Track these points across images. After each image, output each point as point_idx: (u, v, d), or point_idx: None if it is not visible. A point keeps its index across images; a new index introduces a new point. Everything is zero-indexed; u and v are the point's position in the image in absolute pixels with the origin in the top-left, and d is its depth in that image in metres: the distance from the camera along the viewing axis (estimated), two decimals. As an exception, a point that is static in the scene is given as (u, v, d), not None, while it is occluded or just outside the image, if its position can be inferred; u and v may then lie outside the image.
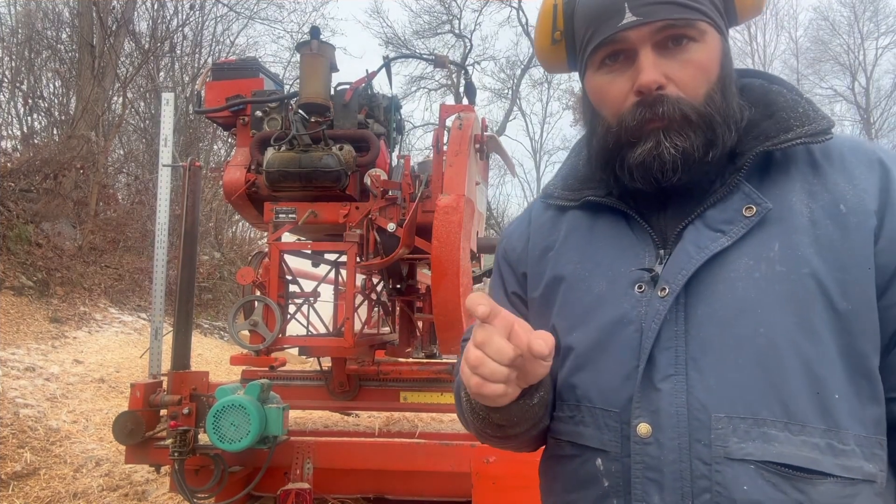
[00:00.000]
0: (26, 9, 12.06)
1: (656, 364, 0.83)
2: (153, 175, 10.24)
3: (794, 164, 0.86)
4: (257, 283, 2.42)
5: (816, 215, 0.82)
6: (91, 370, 6.06)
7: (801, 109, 0.87)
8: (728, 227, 0.83)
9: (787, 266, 0.80)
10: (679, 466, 0.80)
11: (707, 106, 0.84)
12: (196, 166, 2.70)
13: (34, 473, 4.06)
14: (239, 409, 2.06)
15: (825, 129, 0.84)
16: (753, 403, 0.77)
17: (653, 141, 0.83)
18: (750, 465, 0.76)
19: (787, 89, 0.92)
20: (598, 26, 0.87)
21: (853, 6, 21.96)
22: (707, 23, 0.84)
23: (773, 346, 0.78)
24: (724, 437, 0.77)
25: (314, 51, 2.48)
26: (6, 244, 7.67)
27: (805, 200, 0.83)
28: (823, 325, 0.78)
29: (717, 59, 0.85)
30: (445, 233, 2.12)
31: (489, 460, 2.26)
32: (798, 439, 0.76)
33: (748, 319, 0.79)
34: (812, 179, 0.85)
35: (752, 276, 0.81)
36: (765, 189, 0.85)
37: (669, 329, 0.83)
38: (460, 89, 11.03)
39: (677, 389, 0.81)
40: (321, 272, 3.11)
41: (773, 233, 0.82)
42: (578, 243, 0.96)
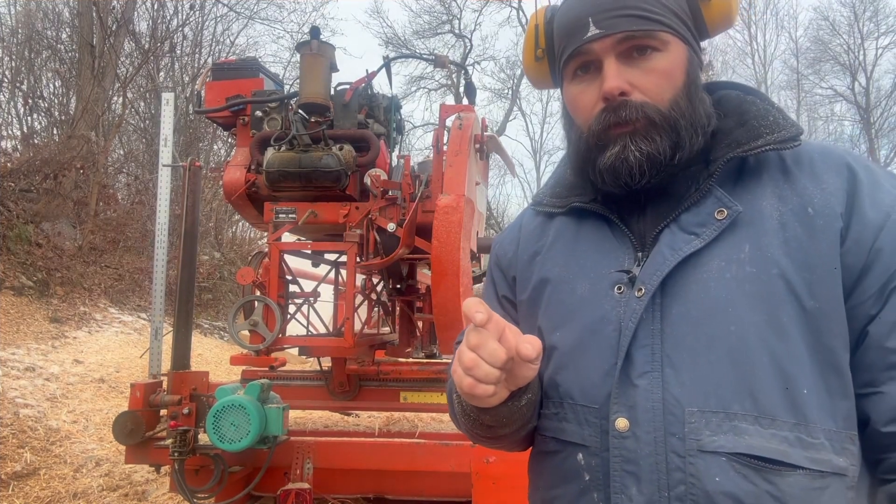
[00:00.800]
0: (26, 9, 12.07)
1: (633, 361, 0.88)
2: (153, 175, 10.24)
3: (766, 170, 0.91)
4: (257, 283, 2.42)
5: (786, 218, 0.86)
6: (91, 370, 6.06)
7: (772, 118, 0.91)
8: (701, 230, 0.88)
9: (757, 267, 0.84)
10: (655, 459, 0.84)
11: (672, 110, 0.89)
12: (196, 166, 2.70)
13: (34, 473, 4.06)
14: (239, 409, 2.06)
15: (793, 136, 0.88)
16: (725, 398, 0.81)
17: (619, 145, 0.89)
18: (721, 458, 0.80)
19: (760, 99, 0.96)
20: (568, 40, 0.94)
21: (853, 6, 21.94)
22: (669, 33, 0.90)
23: (743, 343, 0.82)
24: (697, 430, 0.82)
25: (314, 51, 2.48)
26: (6, 244, 7.67)
27: (775, 204, 0.87)
28: (792, 323, 0.82)
29: (682, 67, 0.91)
30: (445, 233, 2.12)
31: (489, 460, 2.26)
32: (768, 432, 0.80)
33: (720, 318, 0.84)
34: (783, 184, 0.89)
35: (724, 276, 0.85)
36: (737, 193, 0.89)
37: (646, 328, 0.88)
38: (460, 89, 11.03)
39: (653, 385, 0.85)
40: (321, 272, 3.11)
41: (744, 235, 0.87)
42: (564, 248, 1.03)
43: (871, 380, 0.82)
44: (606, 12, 0.90)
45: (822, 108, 23.52)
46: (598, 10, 0.91)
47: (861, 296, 0.83)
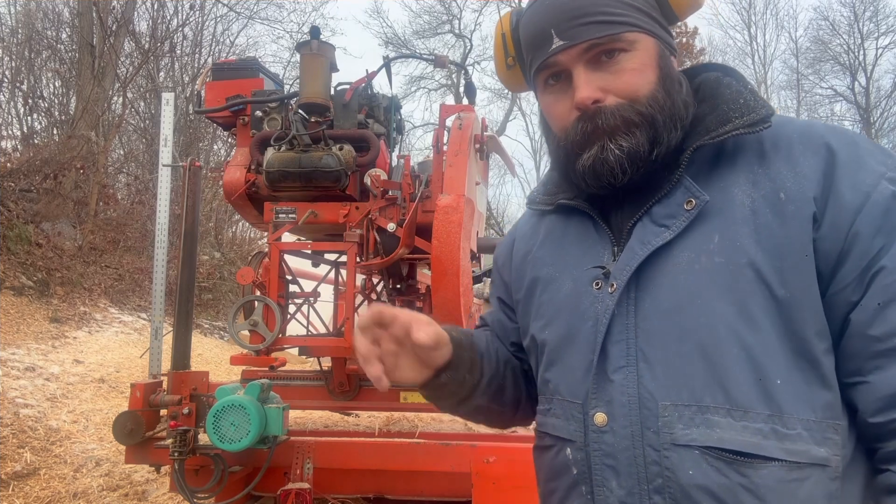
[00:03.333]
0: (26, 9, 12.07)
1: (609, 356, 0.89)
2: (153, 175, 10.24)
3: (741, 155, 0.88)
4: (257, 283, 2.42)
5: (757, 205, 0.83)
6: (91, 370, 6.06)
7: (742, 100, 0.88)
8: (671, 222, 0.87)
9: (726, 257, 0.83)
10: (633, 453, 0.85)
11: (649, 106, 0.88)
12: (196, 166, 2.70)
13: (34, 473, 4.06)
14: (239, 409, 2.06)
15: (762, 118, 0.85)
16: (697, 391, 0.81)
17: (598, 145, 0.89)
18: (695, 451, 0.81)
19: (735, 80, 0.94)
20: (534, 53, 0.95)
21: (853, 6, 21.95)
22: (635, 31, 0.89)
23: (713, 335, 0.81)
24: (671, 424, 0.82)
25: (314, 51, 2.48)
26: (6, 244, 7.66)
27: (748, 191, 0.85)
28: (763, 313, 0.80)
29: (653, 62, 0.90)
30: (445, 233, 2.12)
31: (489, 460, 2.26)
32: (739, 425, 0.79)
33: (690, 310, 0.83)
34: (757, 169, 0.86)
35: (693, 268, 0.84)
36: (709, 182, 0.88)
37: (620, 323, 0.88)
38: (460, 89, 11.03)
39: (628, 380, 0.86)
40: (321, 272, 3.11)
41: (714, 225, 0.85)
42: (552, 245, 1.04)
43: (856, 369, 0.80)
44: (568, 22, 0.89)
45: (822, 108, 23.49)
46: (559, 20, 0.89)
47: (841, 282, 0.80)
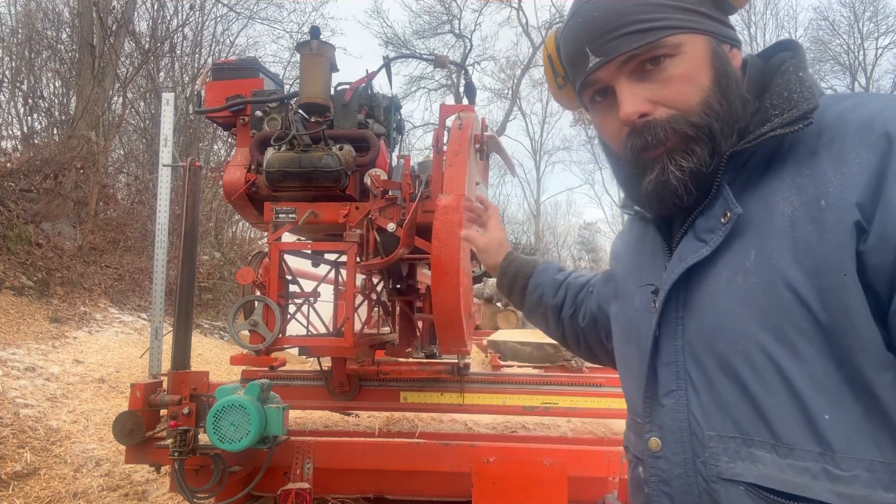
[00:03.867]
0: (26, 9, 12.06)
1: (659, 379, 0.84)
2: (153, 175, 10.24)
3: (792, 155, 0.78)
4: (257, 283, 2.41)
5: (797, 214, 0.73)
6: (91, 370, 6.06)
7: (787, 93, 0.79)
8: (709, 236, 0.80)
9: (762, 276, 0.74)
10: (686, 481, 0.80)
11: (705, 115, 0.80)
12: (196, 166, 2.69)
13: (34, 473, 4.06)
14: (239, 409, 2.06)
15: (803, 115, 0.75)
16: (741, 423, 0.75)
17: (657, 168, 0.82)
18: (740, 486, 0.74)
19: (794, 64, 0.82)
20: (575, 72, 0.90)
21: (853, 6, 21.95)
22: (678, 33, 0.80)
23: (751, 363, 0.74)
24: (716, 456, 0.77)
25: (314, 51, 2.47)
26: (6, 244, 7.66)
27: (791, 198, 0.75)
28: (805, 340, 0.71)
29: (705, 64, 0.81)
30: (445, 233, 2.12)
31: (489, 460, 2.25)
32: (785, 462, 0.71)
33: (727, 335, 0.77)
34: (805, 170, 0.75)
35: (731, 288, 0.77)
36: (756, 189, 0.79)
37: (670, 344, 0.83)
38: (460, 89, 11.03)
39: (678, 405, 0.81)
40: (321, 272, 3.11)
41: (751, 240, 0.77)
42: (634, 254, 1.01)
43: None
44: (602, 38, 0.82)
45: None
46: (593, 36, 0.83)
47: None
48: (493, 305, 8.79)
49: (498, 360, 4.01)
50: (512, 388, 2.80)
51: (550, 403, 2.74)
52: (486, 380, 2.85)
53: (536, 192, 30.49)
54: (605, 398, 2.73)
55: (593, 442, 2.52)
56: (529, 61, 24.84)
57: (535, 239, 28.32)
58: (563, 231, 33.83)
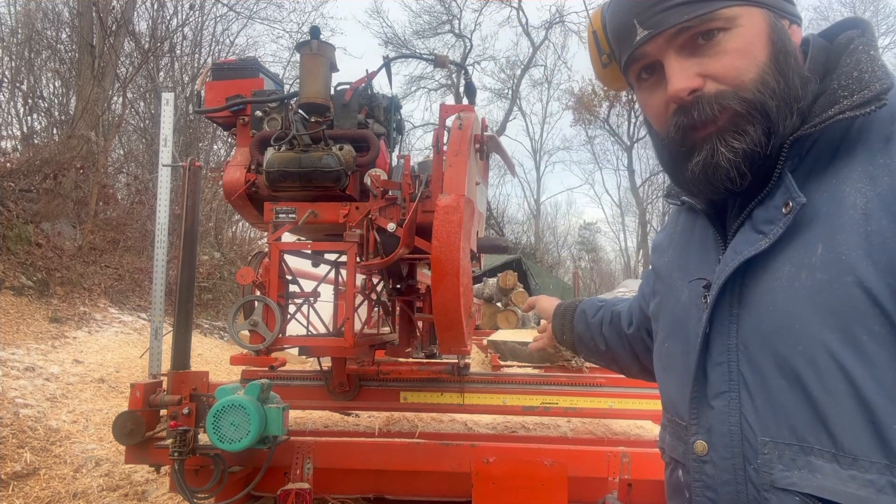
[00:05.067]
0: (26, 9, 12.06)
1: (709, 380, 0.79)
2: (153, 175, 10.24)
3: (863, 142, 0.72)
4: (257, 283, 2.41)
5: (871, 206, 0.67)
6: (91, 370, 6.06)
7: (857, 73, 0.72)
8: (768, 228, 0.75)
9: (829, 273, 0.69)
10: (735, 488, 0.76)
11: (758, 91, 0.74)
12: (196, 166, 2.69)
13: (34, 473, 4.06)
14: (239, 409, 2.05)
15: (876, 95, 0.69)
16: (799, 429, 0.70)
17: (707, 149, 0.77)
18: (795, 497, 0.69)
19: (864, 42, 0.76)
20: (620, 47, 0.85)
21: (853, 6, 21.96)
22: (733, 5, 0.75)
23: (814, 366, 0.69)
24: (770, 463, 0.72)
25: (314, 51, 2.47)
26: (6, 244, 7.66)
27: (863, 188, 0.69)
28: (877, 343, 0.66)
29: (762, 38, 0.75)
30: (445, 233, 2.12)
31: (489, 460, 2.25)
32: (846, 473, 0.66)
33: (789, 335, 0.71)
34: (879, 158, 0.69)
35: (794, 285, 0.71)
36: (822, 178, 0.73)
37: (721, 343, 0.78)
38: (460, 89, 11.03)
39: (730, 408, 0.76)
40: (321, 272, 3.11)
41: (818, 233, 0.71)
42: (680, 247, 0.96)
43: None
44: (651, 8, 0.78)
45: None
46: (641, 7, 0.79)
47: None
48: (493, 305, 8.79)
49: (498, 360, 4.01)
50: (512, 388, 2.80)
51: (550, 403, 2.74)
52: (486, 380, 2.85)
53: (536, 192, 30.52)
54: (605, 398, 2.73)
55: (593, 442, 2.52)
56: (529, 61, 24.86)
57: (535, 239, 28.32)
58: (563, 231, 33.88)
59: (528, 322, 8.33)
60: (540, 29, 24.25)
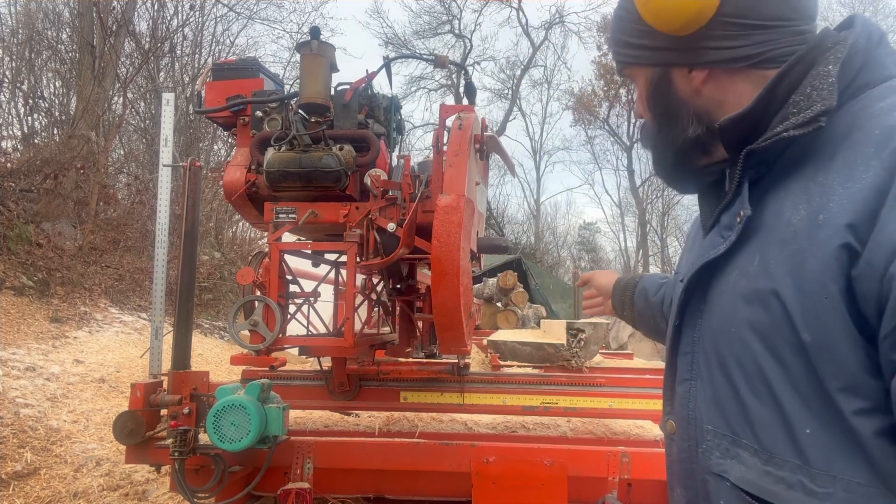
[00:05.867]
0: (26, 9, 12.06)
1: (677, 367, 0.88)
2: (153, 175, 10.24)
3: (815, 156, 0.74)
4: (257, 283, 2.41)
5: (801, 225, 0.70)
6: (91, 370, 6.06)
7: (809, 89, 0.75)
8: (727, 234, 0.80)
9: (759, 284, 0.73)
10: (690, 467, 0.83)
11: None
12: (196, 166, 2.70)
13: (34, 473, 4.06)
14: (239, 408, 2.06)
15: (815, 117, 0.71)
16: (732, 423, 0.76)
17: None
18: (727, 483, 0.76)
19: (831, 53, 0.75)
20: None
21: (853, 6, 21.95)
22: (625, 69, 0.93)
23: (741, 368, 0.75)
24: (710, 450, 0.79)
25: (314, 51, 2.48)
26: (7, 244, 7.66)
27: (799, 205, 0.72)
28: (792, 353, 0.70)
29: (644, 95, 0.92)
30: (445, 233, 2.12)
31: (489, 460, 2.26)
32: (764, 469, 0.71)
33: (725, 336, 0.77)
34: (820, 176, 0.71)
35: (735, 291, 0.77)
36: (775, 190, 0.76)
37: (689, 335, 0.86)
38: (460, 89, 11.03)
39: (690, 395, 0.84)
40: (321, 272, 3.11)
41: (758, 244, 0.75)
42: (690, 241, 1.07)
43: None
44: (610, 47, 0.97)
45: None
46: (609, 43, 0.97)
47: (882, 336, 0.63)
48: (493, 305, 8.79)
49: (498, 360, 4.01)
50: (512, 388, 2.80)
51: (550, 403, 2.74)
52: (486, 380, 2.85)
53: (536, 192, 30.50)
54: (605, 398, 2.73)
55: (593, 442, 2.53)
56: (529, 61, 24.86)
57: (535, 239, 28.31)
58: (563, 231, 33.83)
59: (528, 322, 8.33)
60: (540, 29, 24.26)
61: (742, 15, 0.79)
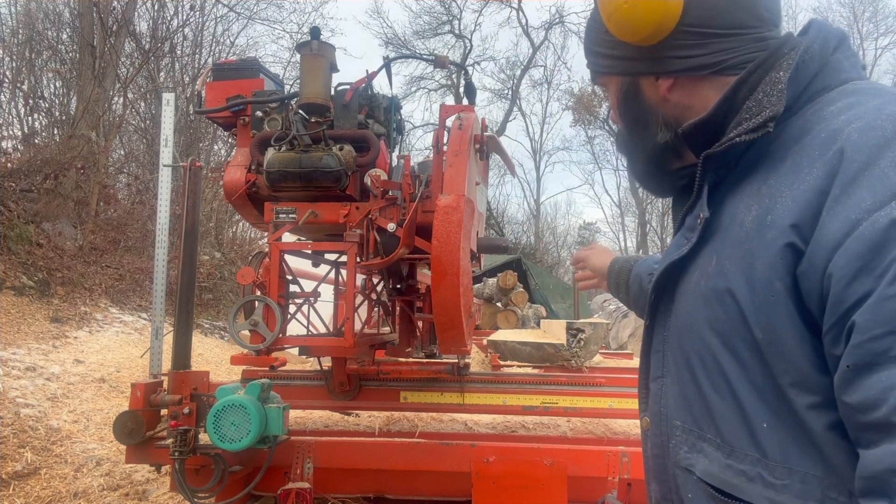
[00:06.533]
0: (27, 9, 12.07)
1: (650, 364, 0.90)
2: (153, 175, 10.25)
3: (768, 160, 0.77)
4: (257, 283, 2.42)
5: (751, 225, 0.73)
6: (92, 370, 6.06)
7: (761, 95, 0.77)
8: (689, 235, 0.84)
9: (716, 283, 0.76)
10: (663, 461, 0.86)
11: None
12: (196, 166, 2.70)
13: (35, 473, 4.06)
14: (239, 408, 2.06)
15: (763, 123, 0.74)
16: (697, 418, 0.79)
17: None
18: (694, 477, 0.79)
19: (784, 60, 0.78)
20: None
21: (853, 6, 21.99)
22: (599, 78, 0.98)
23: (703, 365, 0.78)
24: (679, 445, 0.82)
25: (314, 51, 2.48)
26: (7, 244, 7.67)
27: (752, 205, 0.75)
28: (748, 350, 0.72)
29: (615, 103, 0.96)
30: (445, 233, 2.12)
31: (489, 460, 2.26)
32: (725, 462, 0.75)
33: (688, 335, 0.80)
34: (771, 178, 0.74)
35: (696, 290, 0.80)
36: (733, 192, 0.80)
37: (660, 333, 0.88)
38: (460, 89, 11.03)
39: (662, 392, 0.87)
40: (321, 272, 3.11)
41: (715, 245, 0.79)
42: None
43: (853, 437, 0.66)
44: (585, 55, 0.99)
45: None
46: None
47: (826, 331, 0.66)
48: (493, 305, 8.79)
49: (498, 360, 4.02)
50: (512, 387, 2.80)
51: (550, 403, 2.75)
52: (486, 380, 2.85)
53: (536, 192, 30.50)
54: (604, 398, 2.73)
55: (593, 442, 2.53)
56: (529, 62, 24.87)
57: (535, 239, 28.31)
58: (562, 231, 33.82)
59: (528, 322, 8.33)
60: (540, 29, 24.25)
61: (704, 24, 0.82)
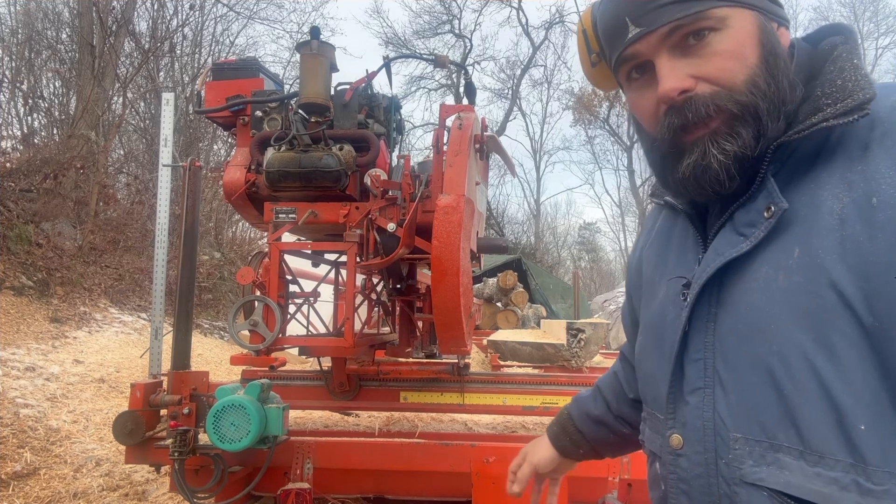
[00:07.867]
0: (26, 9, 12.07)
1: (686, 375, 0.81)
2: (153, 175, 10.24)
3: (843, 148, 0.73)
4: (257, 283, 2.41)
5: (847, 211, 0.69)
6: (91, 370, 6.06)
7: (840, 81, 0.74)
8: (749, 231, 0.76)
9: (805, 276, 0.70)
10: (707, 482, 0.78)
11: (750, 94, 0.75)
12: (196, 166, 2.70)
13: (34, 473, 4.06)
14: (239, 408, 2.06)
15: (859, 104, 0.71)
16: (770, 427, 0.72)
17: (698, 151, 0.78)
18: (763, 492, 0.72)
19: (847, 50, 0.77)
20: (611, 46, 0.85)
21: (853, 6, 22.00)
22: (724, 6, 0.76)
23: (786, 366, 0.71)
24: (741, 458, 0.74)
25: (314, 51, 2.47)
26: (6, 244, 7.66)
27: (840, 193, 0.71)
28: (847, 345, 0.67)
29: (752, 40, 0.76)
30: (445, 233, 2.12)
31: (489, 460, 2.26)
32: (812, 471, 0.68)
33: (763, 336, 0.73)
34: (857, 165, 0.71)
35: (771, 286, 0.73)
36: (801, 183, 0.75)
37: (699, 340, 0.80)
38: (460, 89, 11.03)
39: (704, 404, 0.78)
40: (321, 272, 3.11)
41: (796, 236, 0.73)
42: (659, 244, 0.98)
43: None
44: (643, 6, 0.78)
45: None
46: (634, 6, 0.79)
47: None
48: (493, 305, 8.79)
49: (498, 360, 4.02)
50: (512, 388, 2.80)
51: (550, 403, 2.74)
52: (486, 380, 2.85)
53: (536, 192, 30.51)
54: (605, 398, 2.73)
55: (593, 442, 2.52)
56: (529, 61, 24.90)
57: (535, 239, 28.32)
58: (563, 231, 33.85)
59: (528, 322, 8.33)
60: (540, 29, 24.29)
61: None
